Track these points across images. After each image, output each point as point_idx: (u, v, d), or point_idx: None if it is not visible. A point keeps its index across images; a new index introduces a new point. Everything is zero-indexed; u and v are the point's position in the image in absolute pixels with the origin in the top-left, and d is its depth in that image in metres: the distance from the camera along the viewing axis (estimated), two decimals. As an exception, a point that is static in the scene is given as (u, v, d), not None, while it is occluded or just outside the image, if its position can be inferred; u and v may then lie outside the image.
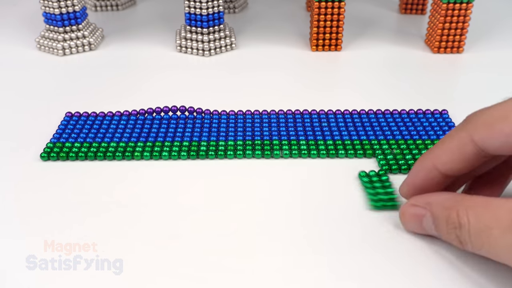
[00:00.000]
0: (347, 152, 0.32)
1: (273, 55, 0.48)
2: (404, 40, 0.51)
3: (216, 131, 0.34)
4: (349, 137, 0.33)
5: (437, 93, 0.41)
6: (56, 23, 0.48)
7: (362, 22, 0.55)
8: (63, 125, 0.35)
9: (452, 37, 0.47)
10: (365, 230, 0.26)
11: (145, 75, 0.44)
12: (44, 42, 0.49)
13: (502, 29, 0.54)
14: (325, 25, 0.47)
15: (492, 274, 0.23)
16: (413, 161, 0.31)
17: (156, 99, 0.39)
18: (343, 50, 0.49)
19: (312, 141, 0.33)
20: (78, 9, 0.48)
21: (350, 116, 0.36)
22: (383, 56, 0.48)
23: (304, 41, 0.51)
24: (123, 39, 0.52)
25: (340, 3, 0.46)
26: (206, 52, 0.48)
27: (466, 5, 0.45)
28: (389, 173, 0.31)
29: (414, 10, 0.58)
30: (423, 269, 0.24)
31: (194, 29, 0.48)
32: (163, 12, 0.60)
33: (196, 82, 0.43)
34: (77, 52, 0.49)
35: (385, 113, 0.36)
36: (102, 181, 0.30)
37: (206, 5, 0.47)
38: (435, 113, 0.36)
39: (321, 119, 0.36)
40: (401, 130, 0.34)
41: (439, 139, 0.33)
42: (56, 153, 0.32)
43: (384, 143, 0.33)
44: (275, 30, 0.54)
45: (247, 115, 0.36)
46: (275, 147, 0.33)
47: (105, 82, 0.43)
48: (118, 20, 0.58)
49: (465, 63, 0.46)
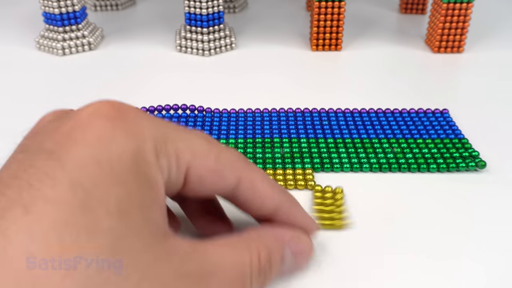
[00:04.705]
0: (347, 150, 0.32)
1: (273, 55, 0.48)
2: (404, 40, 0.51)
3: (217, 130, 0.34)
4: (350, 135, 0.33)
5: (437, 93, 0.41)
6: (56, 23, 0.48)
7: (362, 22, 0.56)
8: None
9: (452, 37, 0.47)
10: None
11: (145, 75, 0.44)
12: (44, 42, 0.49)
13: (502, 29, 0.54)
14: (325, 25, 0.47)
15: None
16: (413, 160, 0.31)
17: (156, 99, 0.39)
18: (343, 50, 0.49)
19: (312, 138, 0.33)
20: (78, 9, 0.48)
21: (351, 114, 0.36)
22: (383, 56, 0.48)
23: (304, 41, 0.51)
24: (123, 39, 0.52)
25: (340, 3, 0.46)
26: (206, 52, 0.48)
27: (466, 5, 0.45)
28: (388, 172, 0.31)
29: (414, 10, 0.58)
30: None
31: (194, 29, 0.48)
32: (163, 12, 0.60)
33: (196, 82, 0.43)
34: (76, 52, 0.49)
35: (386, 112, 0.36)
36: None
37: (206, 5, 0.47)
38: (435, 112, 0.36)
39: (322, 117, 0.36)
40: (402, 129, 0.34)
41: (440, 138, 0.33)
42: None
43: (385, 142, 0.33)
44: (275, 30, 0.54)
45: (248, 114, 0.36)
46: (275, 145, 0.33)
47: (105, 82, 0.43)
48: (118, 20, 0.58)
49: (465, 63, 0.46)
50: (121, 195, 0.16)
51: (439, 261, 0.24)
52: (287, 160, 0.31)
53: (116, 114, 0.18)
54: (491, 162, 0.31)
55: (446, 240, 0.25)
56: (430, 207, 0.28)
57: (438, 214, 0.27)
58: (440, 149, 0.32)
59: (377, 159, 0.31)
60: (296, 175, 0.30)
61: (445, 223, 0.26)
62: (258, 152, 0.32)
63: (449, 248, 0.25)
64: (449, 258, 0.24)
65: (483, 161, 0.30)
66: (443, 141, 0.33)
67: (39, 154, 0.17)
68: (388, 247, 0.25)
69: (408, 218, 0.27)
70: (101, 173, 0.16)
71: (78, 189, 0.16)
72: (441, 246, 0.25)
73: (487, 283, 0.23)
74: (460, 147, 0.32)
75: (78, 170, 0.16)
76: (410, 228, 0.26)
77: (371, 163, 0.31)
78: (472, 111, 0.37)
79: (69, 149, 0.17)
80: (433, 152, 0.31)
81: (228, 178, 0.20)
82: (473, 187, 0.29)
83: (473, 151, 0.31)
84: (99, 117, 0.17)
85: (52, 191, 0.16)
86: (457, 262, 0.24)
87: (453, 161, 0.31)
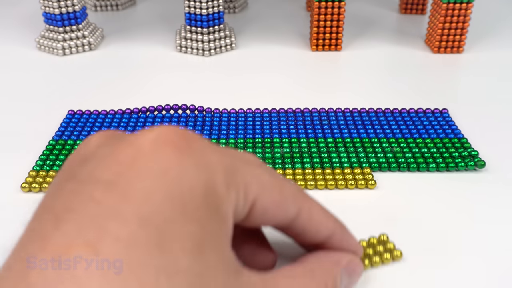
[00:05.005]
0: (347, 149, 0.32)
1: (273, 55, 0.48)
2: (404, 40, 0.51)
3: (217, 130, 0.35)
4: (349, 135, 0.34)
5: (437, 93, 0.41)
6: (56, 23, 0.48)
7: (362, 22, 0.56)
8: (65, 122, 0.35)
9: (452, 37, 0.47)
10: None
11: (145, 75, 0.44)
12: (44, 42, 0.49)
13: (502, 29, 0.54)
14: (325, 25, 0.47)
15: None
16: (413, 160, 0.31)
17: (156, 99, 0.39)
18: (343, 50, 0.49)
19: (312, 138, 0.33)
20: (78, 9, 0.48)
21: (351, 114, 0.36)
22: (383, 56, 0.48)
23: (304, 41, 0.51)
24: (123, 39, 0.52)
25: (340, 3, 0.46)
26: (206, 52, 0.48)
27: (466, 5, 0.45)
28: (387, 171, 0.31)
29: (414, 10, 0.58)
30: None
31: (194, 29, 0.48)
32: (163, 12, 0.60)
33: (196, 82, 0.43)
34: (77, 52, 0.49)
35: (385, 111, 0.36)
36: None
37: (206, 5, 0.47)
38: (435, 112, 0.36)
39: (322, 117, 0.36)
40: (401, 129, 0.34)
41: (439, 137, 0.33)
42: (58, 150, 0.32)
43: (384, 141, 0.33)
44: (275, 30, 0.54)
45: (248, 114, 0.36)
46: (275, 145, 0.33)
47: (105, 82, 0.43)
48: (118, 20, 0.58)
49: (465, 63, 0.46)
50: (195, 232, 0.15)
51: (439, 260, 0.24)
52: (287, 160, 0.31)
53: (182, 142, 0.16)
54: (490, 162, 0.31)
55: (446, 239, 0.25)
56: (430, 207, 0.28)
57: (437, 213, 0.27)
58: (439, 148, 0.32)
59: (377, 158, 0.31)
60: (296, 175, 0.30)
61: (445, 223, 0.26)
62: (258, 152, 0.32)
63: (448, 247, 0.25)
64: (449, 258, 0.24)
65: (482, 161, 0.30)
66: (442, 140, 0.33)
67: (93, 184, 0.15)
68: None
69: (408, 218, 0.27)
70: (172, 209, 0.15)
71: (150, 226, 0.14)
72: (440, 245, 0.25)
73: (487, 282, 0.23)
74: (460, 147, 0.32)
75: (146, 205, 0.15)
76: (409, 228, 0.26)
77: (371, 163, 0.31)
78: (472, 111, 0.37)
79: (132, 181, 0.15)
80: (432, 152, 0.32)
81: (290, 210, 0.20)
82: (472, 187, 0.29)
83: (472, 150, 0.31)
84: (164, 146, 0.16)
85: (121, 228, 0.14)
86: (457, 261, 0.24)
87: (452, 160, 0.31)
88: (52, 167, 0.31)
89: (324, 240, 0.21)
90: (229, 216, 0.17)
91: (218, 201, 0.16)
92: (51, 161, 0.31)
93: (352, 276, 0.22)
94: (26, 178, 0.29)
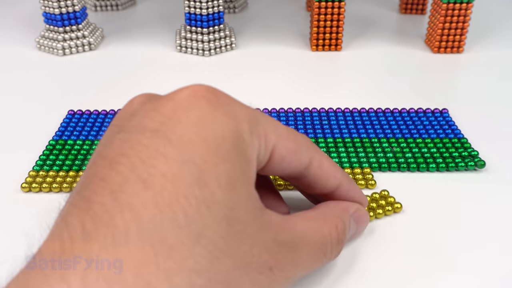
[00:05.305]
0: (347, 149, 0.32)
1: (273, 55, 0.48)
2: (404, 40, 0.51)
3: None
4: (349, 135, 0.34)
5: (437, 93, 0.41)
6: (56, 23, 0.48)
7: (362, 22, 0.56)
8: (65, 122, 0.35)
9: (452, 37, 0.47)
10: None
11: (145, 75, 0.44)
12: (44, 42, 0.49)
13: (502, 29, 0.54)
14: (325, 25, 0.47)
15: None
16: (413, 160, 0.31)
17: (156, 98, 0.39)
18: (343, 50, 0.49)
19: (312, 138, 0.33)
20: (78, 9, 0.48)
21: (351, 114, 0.36)
22: (383, 56, 0.48)
23: (304, 41, 0.51)
24: (123, 39, 0.52)
25: (340, 3, 0.46)
26: (206, 52, 0.48)
27: (466, 5, 0.45)
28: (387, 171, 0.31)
29: (414, 10, 0.58)
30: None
31: (194, 29, 0.48)
32: (163, 12, 0.60)
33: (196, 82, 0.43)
34: (77, 52, 0.49)
35: (385, 111, 0.36)
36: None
37: (206, 5, 0.47)
38: (435, 112, 0.36)
39: (322, 117, 0.36)
40: (401, 129, 0.34)
41: (439, 137, 0.33)
42: (58, 150, 0.32)
43: (384, 141, 0.33)
44: (275, 30, 0.54)
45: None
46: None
47: (105, 82, 0.43)
48: (118, 20, 0.58)
49: (465, 63, 0.46)
50: (228, 170, 0.17)
51: (438, 260, 0.24)
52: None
53: (213, 96, 0.19)
54: (490, 162, 0.31)
55: (445, 239, 0.25)
56: (429, 207, 0.28)
57: (437, 213, 0.27)
58: (439, 148, 0.32)
59: (377, 158, 0.31)
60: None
61: (444, 223, 0.26)
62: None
63: (448, 247, 0.25)
64: (448, 258, 0.24)
65: (482, 161, 0.30)
66: (442, 140, 0.33)
67: (141, 133, 0.17)
68: (387, 246, 0.25)
69: (408, 218, 0.27)
70: (208, 150, 0.17)
71: (191, 165, 0.17)
72: (440, 245, 0.25)
73: (487, 282, 0.23)
74: (460, 147, 0.32)
75: (187, 147, 0.17)
76: (409, 227, 0.26)
77: (371, 163, 0.31)
78: (472, 111, 0.37)
79: (174, 128, 0.17)
80: (432, 152, 0.32)
81: (303, 158, 0.22)
82: (472, 187, 0.29)
83: (472, 150, 0.32)
84: (198, 99, 0.19)
85: (167, 167, 0.16)
86: (456, 261, 0.24)
87: (452, 160, 0.31)
88: (52, 167, 0.31)
89: (333, 190, 0.23)
90: (254, 160, 0.19)
91: (244, 146, 0.19)
92: (51, 161, 0.31)
93: (359, 224, 0.24)
94: (26, 178, 0.29)
